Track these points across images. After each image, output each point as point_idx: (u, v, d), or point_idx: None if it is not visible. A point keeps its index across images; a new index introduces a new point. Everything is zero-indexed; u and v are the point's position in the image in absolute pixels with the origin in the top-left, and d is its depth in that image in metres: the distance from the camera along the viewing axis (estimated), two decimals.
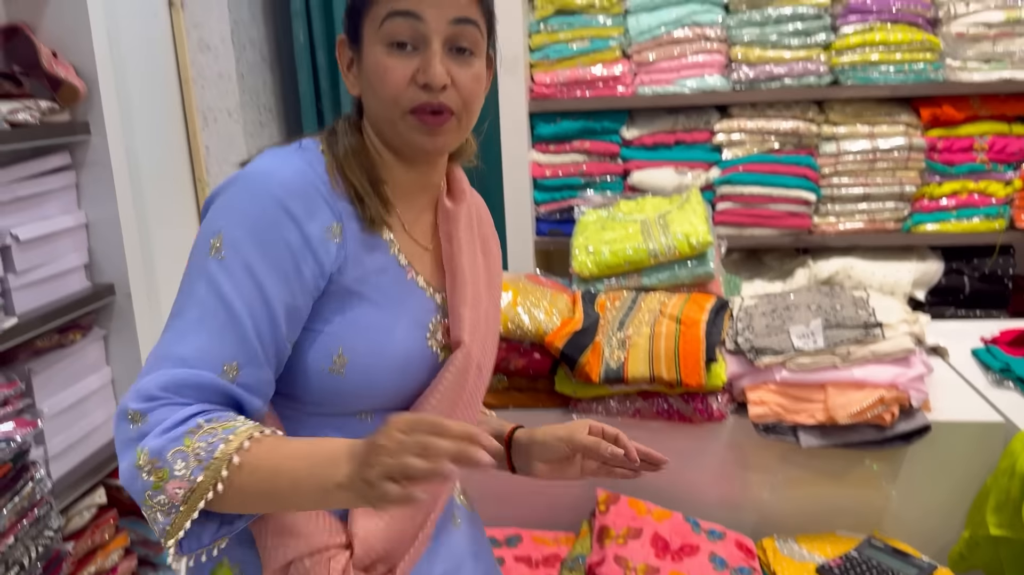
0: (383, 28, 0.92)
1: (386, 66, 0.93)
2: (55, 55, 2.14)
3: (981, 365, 1.82)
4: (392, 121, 0.95)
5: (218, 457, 0.81)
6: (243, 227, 0.88)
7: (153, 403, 0.84)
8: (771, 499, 1.66)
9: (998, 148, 2.48)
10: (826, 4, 2.49)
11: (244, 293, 0.87)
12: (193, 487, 0.81)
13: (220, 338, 0.87)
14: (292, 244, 0.89)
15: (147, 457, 0.82)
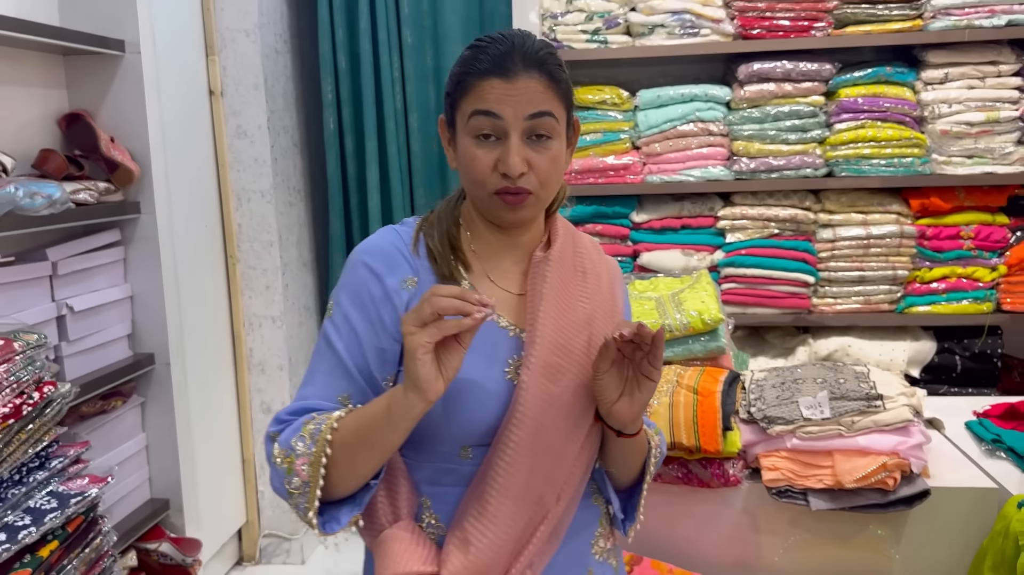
0: (470, 123, 1.07)
1: (473, 155, 1.07)
2: (112, 140, 2.32)
3: (974, 436, 1.95)
4: (481, 199, 1.11)
5: (322, 430, 1.01)
6: (344, 289, 1.11)
7: (283, 425, 1.06)
8: (782, 561, 1.77)
9: (983, 236, 2.67)
10: (821, 103, 2.70)
11: (344, 339, 1.09)
12: (311, 458, 1.00)
13: (333, 376, 1.08)
14: (375, 295, 1.09)
15: (279, 449, 1.03)
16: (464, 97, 1.08)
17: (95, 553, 1.60)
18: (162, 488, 2.50)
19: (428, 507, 1.11)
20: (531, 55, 1.07)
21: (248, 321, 3.06)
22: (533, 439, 1.07)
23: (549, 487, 1.09)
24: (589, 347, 1.12)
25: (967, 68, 2.65)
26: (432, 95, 3.12)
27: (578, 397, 1.11)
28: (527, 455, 1.07)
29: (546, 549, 1.11)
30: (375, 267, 1.10)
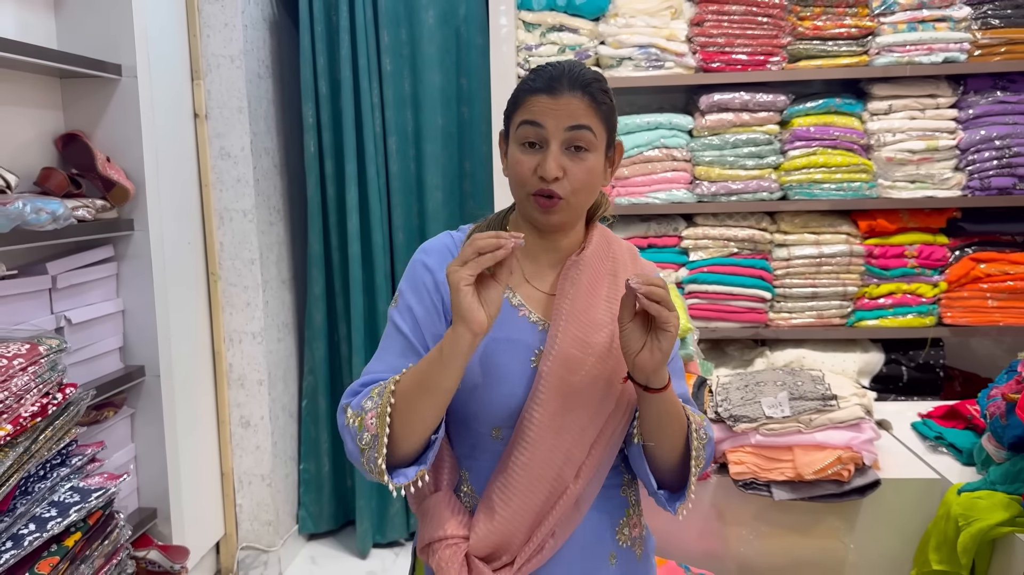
0: (518, 131, 1.21)
1: (518, 159, 1.21)
2: (108, 160, 2.42)
3: (919, 435, 2.14)
4: (521, 200, 1.25)
5: (386, 389, 1.15)
6: (406, 282, 1.29)
7: (353, 396, 1.21)
8: (748, 551, 1.92)
9: (925, 255, 2.89)
10: (775, 132, 2.91)
11: (408, 323, 1.24)
12: (378, 410, 1.13)
13: (402, 356, 1.23)
14: (428, 287, 1.26)
15: (351, 412, 1.17)
16: (516, 110, 1.23)
17: (112, 545, 1.68)
18: (150, 498, 2.56)
19: (466, 479, 1.26)
20: (577, 78, 1.20)
21: (228, 337, 3.14)
22: (551, 422, 1.19)
23: (567, 465, 1.21)
24: (612, 343, 1.22)
25: (909, 100, 2.88)
26: (410, 120, 3.26)
27: (596, 387, 1.21)
28: (545, 436, 1.19)
29: (568, 521, 1.23)
30: (429, 263, 1.27)
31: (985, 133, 2.82)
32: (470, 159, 3.33)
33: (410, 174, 3.29)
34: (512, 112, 1.24)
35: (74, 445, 1.72)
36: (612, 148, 1.28)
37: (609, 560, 1.27)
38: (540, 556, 1.22)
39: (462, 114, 3.30)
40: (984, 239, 2.92)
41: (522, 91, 1.23)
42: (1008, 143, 2.81)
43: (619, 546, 1.29)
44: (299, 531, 3.41)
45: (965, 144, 2.85)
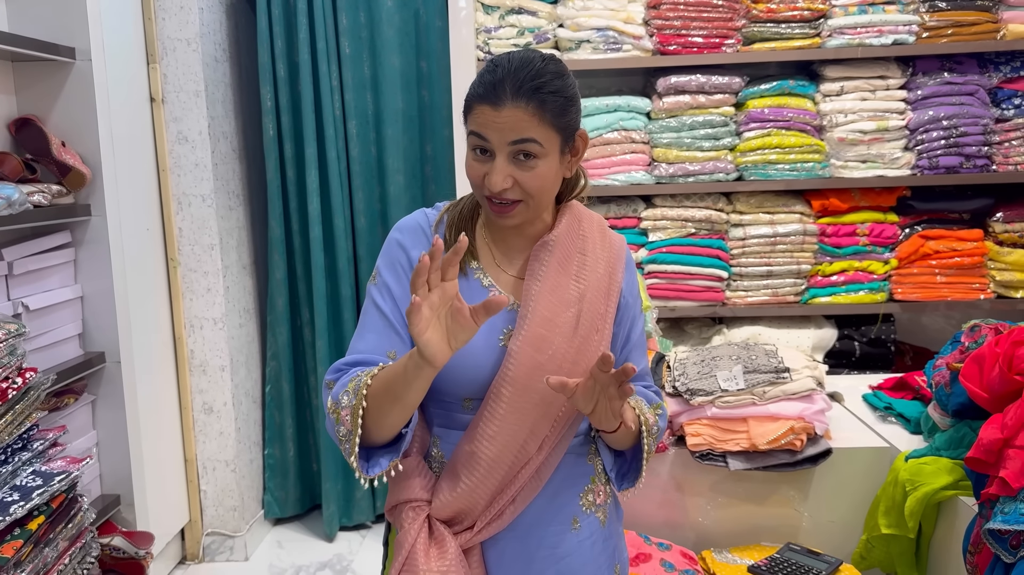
0: (469, 138, 1.23)
1: (470, 164, 1.23)
2: (63, 144, 2.39)
3: (869, 406, 2.21)
4: (479, 200, 1.28)
5: (361, 383, 1.17)
6: (382, 259, 1.31)
7: (339, 374, 1.23)
8: (707, 520, 1.98)
9: (876, 233, 2.97)
10: (731, 114, 2.96)
11: (387, 301, 1.28)
12: (351, 409, 1.16)
13: (382, 335, 1.26)
14: (403, 265, 1.29)
15: (331, 402, 1.20)
16: (468, 115, 1.23)
17: (77, 528, 1.68)
18: (113, 484, 2.55)
19: (437, 444, 1.30)
20: (521, 85, 1.17)
21: (189, 323, 3.13)
22: (518, 397, 1.23)
23: (531, 439, 1.25)
24: (578, 322, 1.26)
25: (860, 82, 2.94)
26: (370, 103, 3.26)
27: (562, 365, 1.24)
28: (511, 410, 1.23)
29: (528, 489, 1.27)
30: (403, 241, 1.30)
31: (933, 113, 2.90)
32: (431, 143, 3.34)
33: (371, 157, 3.29)
34: (466, 115, 1.24)
35: (35, 430, 1.71)
36: (571, 141, 1.25)
37: (572, 525, 1.31)
38: (500, 521, 1.26)
39: (422, 97, 3.31)
40: (933, 217, 3.01)
41: (470, 96, 1.22)
42: (955, 123, 2.90)
43: (583, 512, 1.33)
44: (265, 516, 3.41)
45: (914, 124, 2.92)
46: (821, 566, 1.76)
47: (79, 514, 1.70)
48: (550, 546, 1.29)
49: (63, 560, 1.62)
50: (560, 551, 1.30)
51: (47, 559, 1.57)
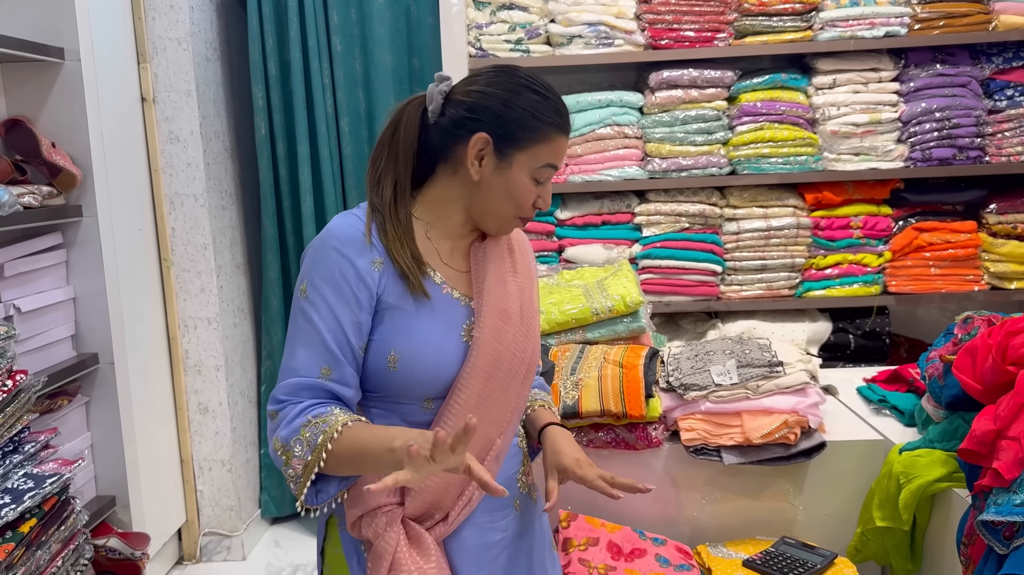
0: (539, 170, 1.27)
1: (528, 190, 1.28)
2: (54, 145, 2.38)
3: (863, 399, 2.21)
4: (501, 217, 1.31)
5: (320, 443, 1.18)
6: (317, 272, 1.25)
7: (280, 405, 1.23)
8: (701, 515, 1.98)
9: (870, 226, 2.96)
10: (724, 108, 2.95)
11: (323, 318, 1.23)
12: (305, 463, 1.19)
13: (314, 351, 1.23)
14: (348, 277, 1.23)
15: (279, 444, 1.21)
16: (539, 145, 1.26)
17: (69, 531, 1.68)
18: (108, 485, 2.55)
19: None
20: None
21: (183, 323, 3.12)
22: (482, 387, 1.27)
23: (494, 426, 1.31)
24: (521, 312, 1.34)
25: (852, 74, 2.94)
26: (362, 100, 3.25)
27: (515, 354, 1.32)
28: (477, 401, 1.27)
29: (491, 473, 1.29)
30: (345, 251, 1.24)
31: (926, 105, 2.90)
32: None
33: (364, 155, 3.28)
34: (530, 142, 1.26)
35: (26, 432, 1.71)
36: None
37: (514, 506, 1.39)
38: (468, 507, 1.31)
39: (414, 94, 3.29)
40: (926, 209, 3.00)
41: (548, 126, 1.26)
42: (948, 115, 2.89)
43: (520, 492, 1.42)
44: (262, 515, 3.41)
45: (907, 116, 2.92)
46: (816, 559, 1.76)
47: (72, 516, 1.70)
48: (501, 529, 1.36)
49: (56, 563, 1.61)
50: (511, 533, 1.37)
51: (40, 562, 1.57)
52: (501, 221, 1.31)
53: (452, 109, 1.28)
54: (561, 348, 2.11)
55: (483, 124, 1.25)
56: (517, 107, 1.25)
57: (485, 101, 1.26)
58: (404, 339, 1.25)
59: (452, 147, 1.29)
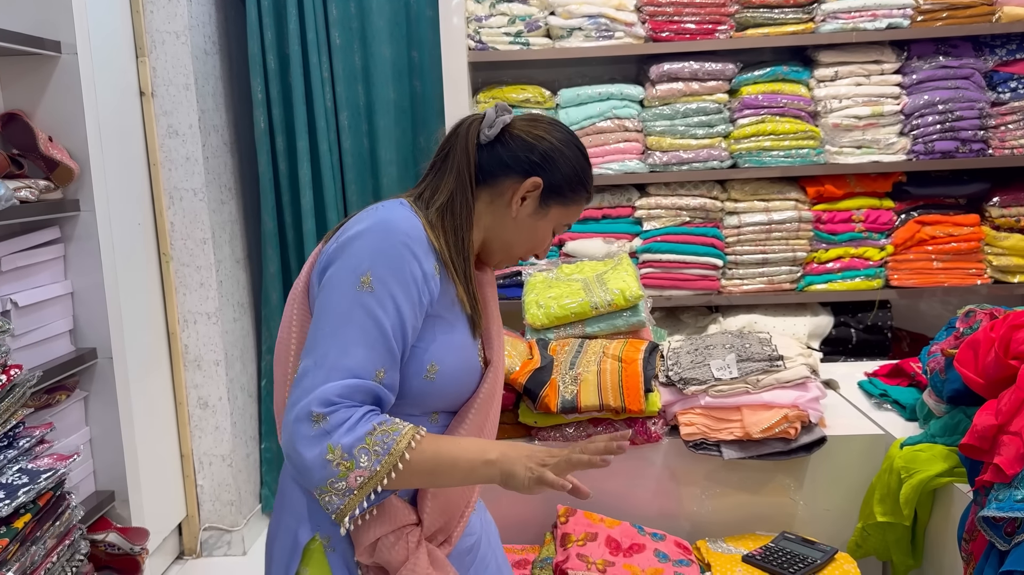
0: (562, 225, 1.37)
1: (546, 240, 1.37)
2: (51, 139, 2.37)
3: (864, 393, 2.19)
4: (511, 253, 1.36)
5: (392, 452, 1.12)
6: (385, 266, 1.17)
7: (333, 407, 1.11)
8: (701, 510, 1.97)
9: (872, 219, 2.94)
10: (725, 100, 2.93)
11: (390, 316, 1.16)
12: (372, 474, 1.11)
13: (375, 351, 1.15)
14: (416, 278, 1.19)
15: (340, 452, 1.10)
16: (574, 205, 1.35)
17: (64, 526, 1.67)
18: (107, 481, 2.54)
19: None
20: None
21: (183, 318, 3.11)
22: (487, 404, 1.30)
23: (491, 435, 1.34)
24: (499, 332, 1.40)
25: (854, 67, 2.92)
26: (361, 94, 3.23)
27: (503, 367, 1.38)
28: (484, 417, 1.30)
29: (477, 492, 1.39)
30: (415, 250, 1.20)
31: (928, 98, 2.88)
32: (424, 134, 3.32)
33: (363, 149, 3.27)
34: (570, 201, 1.34)
35: (21, 427, 1.70)
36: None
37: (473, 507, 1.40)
38: (464, 525, 1.33)
39: (414, 88, 3.28)
40: (929, 202, 2.98)
41: (587, 192, 1.36)
42: (951, 107, 2.87)
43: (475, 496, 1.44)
44: (262, 510, 3.41)
45: (909, 109, 2.90)
46: (816, 555, 1.75)
47: (67, 511, 1.69)
48: (472, 532, 1.38)
49: (51, 558, 1.61)
50: (478, 533, 1.40)
51: (34, 557, 1.56)
52: (507, 256, 1.37)
53: (515, 144, 1.30)
54: (560, 342, 2.10)
55: (543, 172, 1.30)
56: (575, 168, 1.32)
57: (554, 153, 1.30)
58: (447, 351, 1.24)
59: (501, 177, 1.30)
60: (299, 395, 1.13)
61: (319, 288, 1.21)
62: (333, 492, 1.11)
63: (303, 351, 1.19)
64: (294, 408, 1.13)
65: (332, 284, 1.18)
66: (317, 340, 1.16)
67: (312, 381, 1.13)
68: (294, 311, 1.29)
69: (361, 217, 1.25)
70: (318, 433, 1.11)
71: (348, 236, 1.21)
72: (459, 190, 1.29)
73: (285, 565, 1.25)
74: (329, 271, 1.20)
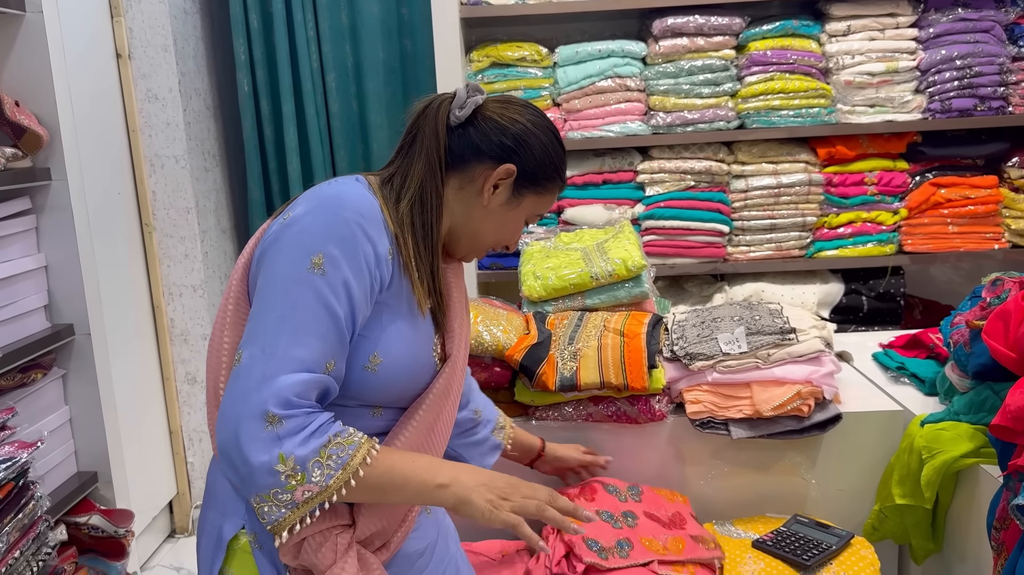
0: (535, 215, 1.29)
1: (517, 231, 1.29)
2: (17, 104, 2.23)
3: (880, 366, 2.08)
4: (480, 245, 1.27)
5: (346, 467, 1.04)
6: (337, 247, 1.07)
7: (290, 411, 1.02)
8: (708, 490, 1.86)
9: (885, 181, 2.81)
10: (732, 57, 2.79)
11: (342, 303, 1.07)
12: (322, 490, 1.03)
13: (326, 341, 1.06)
14: (369, 261, 1.09)
15: (292, 464, 1.01)
16: (548, 195, 1.27)
17: (28, 519, 1.57)
18: (89, 461, 2.44)
19: None
20: None
21: (168, 290, 3.00)
22: (440, 401, 1.21)
23: (442, 441, 1.25)
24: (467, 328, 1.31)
25: (868, 20, 2.77)
26: (349, 54, 3.09)
27: (462, 378, 1.30)
28: (434, 421, 1.20)
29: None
30: (368, 230, 1.10)
31: (946, 53, 2.73)
32: (416, 95, 3.15)
33: (352, 112, 3.13)
34: (544, 189, 1.26)
35: None
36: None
37: (427, 512, 1.34)
38: (406, 532, 1.24)
39: (404, 47, 3.14)
40: (945, 163, 2.85)
41: (561, 181, 1.28)
42: (969, 63, 2.73)
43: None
44: None
45: (926, 65, 2.75)
46: (831, 539, 1.64)
47: (31, 503, 1.59)
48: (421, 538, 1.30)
49: (13, 553, 1.51)
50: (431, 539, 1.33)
51: None
52: (475, 248, 1.28)
53: (486, 126, 1.21)
54: (558, 316, 1.98)
55: (517, 157, 1.21)
56: (550, 154, 1.24)
57: (528, 137, 1.22)
58: (393, 343, 1.14)
59: (472, 162, 1.21)
60: (249, 387, 1.02)
61: (263, 266, 1.10)
62: (274, 502, 1.02)
63: (247, 335, 1.07)
64: (245, 402, 1.01)
65: (279, 263, 1.07)
66: (265, 324, 1.06)
67: (263, 371, 1.02)
68: (231, 295, 1.17)
69: (311, 194, 1.14)
70: (269, 437, 1.01)
71: (297, 213, 1.10)
72: (429, 177, 1.19)
73: (209, 563, 1.16)
74: (276, 247, 1.08)
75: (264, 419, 1.01)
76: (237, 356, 1.06)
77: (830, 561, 1.60)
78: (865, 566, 1.59)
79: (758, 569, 1.58)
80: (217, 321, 1.19)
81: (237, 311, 1.15)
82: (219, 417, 1.05)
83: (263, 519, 1.03)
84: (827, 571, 1.58)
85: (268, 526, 1.03)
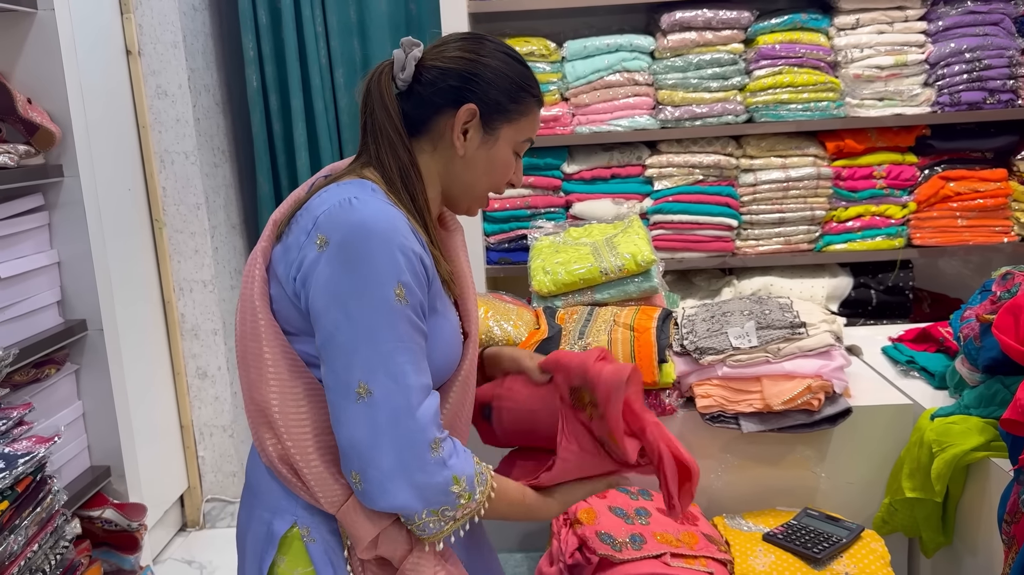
0: (521, 143, 1.22)
1: (510, 166, 1.23)
2: (30, 101, 2.25)
3: (890, 360, 2.08)
4: (478, 194, 1.23)
5: (487, 483, 1.15)
6: (410, 274, 1.08)
7: (442, 434, 1.10)
8: (718, 483, 1.87)
9: (894, 175, 2.81)
10: (740, 51, 2.78)
11: (424, 322, 1.12)
12: (476, 506, 1.14)
13: (425, 362, 1.12)
14: (422, 277, 1.12)
15: (464, 483, 1.11)
16: (524, 118, 1.21)
17: (46, 512, 1.59)
18: (102, 455, 2.47)
19: None
20: None
21: (178, 286, 3.02)
22: (469, 379, 1.24)
23: (467, 421, 1.28)
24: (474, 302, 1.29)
25: (876, 13, 2.76)
26: (357, 49, 3.10)
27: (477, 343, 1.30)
28: (465, 393, 1.23)
29: None
30: (415, 248, 1.10)
31: (955, 46, 2.72)
32: None
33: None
34: (516, 116, 1.20)
35: None
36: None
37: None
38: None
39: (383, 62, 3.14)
40: (954, 156, 2.84)
41: (532, 100, 1.21)
42: (978, 55, 2.72)
43: None
44: None
45: (935, 58, 2.75)
46: (842, 533, 1.65)
47: (49, 497, 1.60)
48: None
49: (32, 547, 1.53)
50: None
51: (13, 547, 1.48)
52: (475, 198, 1.25)
53: (430, 76, 1.16)
54: (568, 310, 1.99)
55: (471, 94, 1.16)
56: (506, 76, 1.18)
57: (473, 68, 1.17)
58: (439, 331, 1.17)
59: (432, 119, 1.18)
60: (398, 419, 1.06)
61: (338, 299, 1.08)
62: (440, 518, 1.11)
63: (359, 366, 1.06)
64: (404, 433, 1.07)
65: (366, 294, 1.06)
66: (380, 355, 1.07)
67: (407, 402, 1.07)
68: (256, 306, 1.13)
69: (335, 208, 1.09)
70: (436, 461, 1.09)
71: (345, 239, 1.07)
72: (395, 156, 1.16)
73: (259, 556, 1.17)
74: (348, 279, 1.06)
75: (429, 447, 1.08)
76: (361, 387, 1.06)
77: (840, 554, 1.61)
78: (875, 559, 1.60)
79: (769, 562, 1.58)
80: (246, 332, 1.15)
81: (270, 326, 1.13)
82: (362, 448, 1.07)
83: (421, 532, 1.11)
84: (837, 564, 1.59)
85: (426, 536, 1.12)
